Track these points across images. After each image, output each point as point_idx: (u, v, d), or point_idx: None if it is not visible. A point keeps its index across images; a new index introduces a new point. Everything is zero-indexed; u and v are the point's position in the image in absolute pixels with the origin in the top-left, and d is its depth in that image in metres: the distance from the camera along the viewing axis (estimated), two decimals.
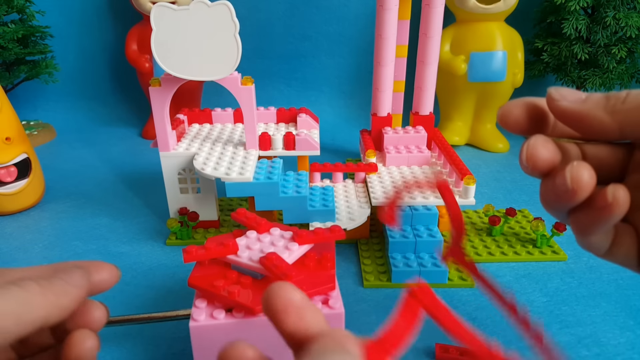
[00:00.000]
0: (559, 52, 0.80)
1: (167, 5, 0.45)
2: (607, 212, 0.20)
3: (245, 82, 0.51)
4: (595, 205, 0.21)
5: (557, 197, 0.21)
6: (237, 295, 0.31)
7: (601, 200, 0.20)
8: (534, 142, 0.22)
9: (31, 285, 0.21)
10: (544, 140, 0.22)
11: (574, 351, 0.38)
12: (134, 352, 0.39)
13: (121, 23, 1.01)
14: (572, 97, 0.21)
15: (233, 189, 0.49)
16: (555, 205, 0.23)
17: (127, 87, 1.06)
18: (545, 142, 0.22)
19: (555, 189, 0.21)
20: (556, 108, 0.22)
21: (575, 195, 0.21)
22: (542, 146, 0.22)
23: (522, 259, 0.51)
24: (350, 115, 1.02)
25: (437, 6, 0.59)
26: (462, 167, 0.51)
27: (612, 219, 0.21)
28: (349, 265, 0.50)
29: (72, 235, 0.57)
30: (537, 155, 0.22)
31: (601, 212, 0.21)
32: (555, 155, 0.22)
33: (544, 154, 0.22)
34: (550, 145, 0.22)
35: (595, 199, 0.21)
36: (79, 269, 0.24)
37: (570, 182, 0.20)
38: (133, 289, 0.47)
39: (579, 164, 0.20)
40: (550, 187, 0.22)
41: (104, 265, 0.26)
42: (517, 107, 0.23)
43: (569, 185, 0.20)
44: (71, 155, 0.85)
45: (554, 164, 0.22)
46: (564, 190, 0.21)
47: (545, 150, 0.22)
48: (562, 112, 0.22)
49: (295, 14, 0.98)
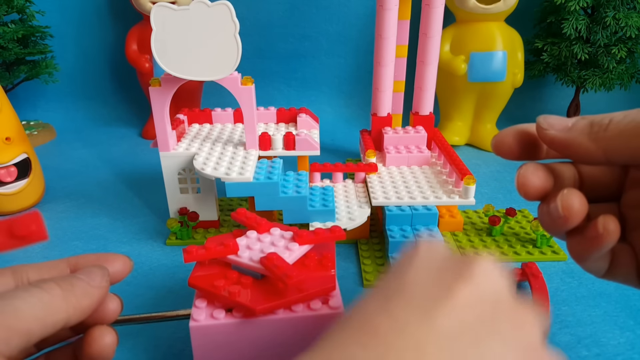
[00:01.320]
0: (559, 52, 0.80)
1: (167, 5, 0.45)
2: (598, 242, 0.21)
3: (245, 82, 0.51)
4: (587, 235, 0.22)
5: (552, 221, 0.22)
6: (237, 295, 0.31)
7: (592, 231, 0.21)
8: (524, 170, 0.23)
9: (54, 287, 0.21)
10: (534, 168, 0.23)
11: (574, 351, 0.38)
12: (134, 352, 0.39)
13: (121, 23, 1.01)
14: (559, 125, 0.22)
15: (233, 189, 0.49)
16: (552, 228, 0.23)
17: (127, 87, 1.06)
18: (535, 170, 0.23)
19: (550, 214, 0.22)
20: (545, 137, 0.22)
21: (568, 221, 0.21)
22: (532, 174, 0.23)
23: (522, 259, 0.51)
24: (350, 115, 1.02)
25: (437, 6, 0.59)
26: (462, 167, 0.51)
27: (602, 248, 0.21)
28: (349, 265, 0.50)
29: (72, 235, 0.57)
30: (527, 183, 0.23)
31: (592, 242, 0.21)
32: (546, 182, 0.23)
33: (535, 182, 0.23)
34: (541, 173, 0.23)
35: (586, 228, 0.22)
36: (99, 269, 0.24)
37: (562, 210, 0.21)
38: (133, 289, 0.47)
39: (569, 192, 0.21)
40: (545, 212, 0.23)
41: (117, 257, 0.26)
42: (509, 135, 0.24)
43: (561, 213, 0.21)
44: (71, 155, 0.85)
45: (545, 190, 0.23)
46: (557, 217, 0.22)
47: (535, 178, 0.23)
48: (550, 140, 0.22)
49: (295, 14, 0.98)
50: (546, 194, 0.23)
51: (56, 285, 0.21)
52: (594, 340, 0.39)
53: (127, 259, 0.27)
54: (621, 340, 0.39)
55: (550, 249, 0.52)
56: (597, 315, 0.42)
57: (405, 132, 0.62)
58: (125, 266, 0.26)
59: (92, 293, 0.23)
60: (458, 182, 0.51)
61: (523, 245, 0.53)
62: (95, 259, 0.26)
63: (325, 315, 0.32)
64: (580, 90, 0.87)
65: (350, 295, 0.46)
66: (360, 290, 0.46)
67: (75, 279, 0.23)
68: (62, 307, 0.21)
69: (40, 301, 0.20)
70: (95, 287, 0.23)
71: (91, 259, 0.26)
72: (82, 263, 0.26)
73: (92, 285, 0.23)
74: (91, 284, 0.23)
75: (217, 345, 0.32)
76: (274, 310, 0.31)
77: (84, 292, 0.22)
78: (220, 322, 0.31)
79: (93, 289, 0.23)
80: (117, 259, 0.26)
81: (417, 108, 0.65)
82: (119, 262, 0.26)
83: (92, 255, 0.26)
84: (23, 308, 0.20)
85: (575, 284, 0.47)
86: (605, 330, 0.41)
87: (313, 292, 0.32)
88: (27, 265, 0.24)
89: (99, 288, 0.23)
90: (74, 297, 0.22)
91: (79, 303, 0.22)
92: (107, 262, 0.26)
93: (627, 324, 0.41)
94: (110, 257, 0.26)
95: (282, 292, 0.32)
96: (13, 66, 0.90)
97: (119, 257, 0.26)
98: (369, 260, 0.50)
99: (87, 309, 0.22)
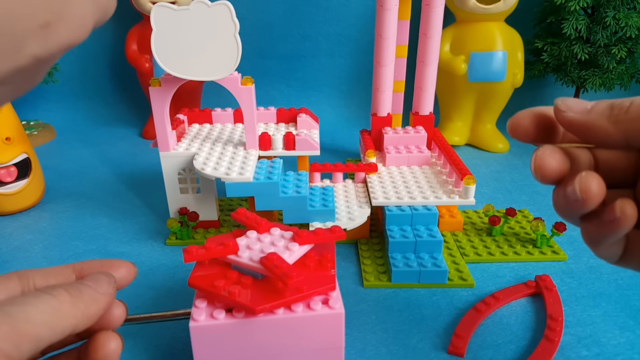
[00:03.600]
0: (559, 52, 0.80)
1: (167, 5, 0.45)
2: (614, 226, 0.21)
3: (245, 82, 0.51)
4: (604, 218, 0.21)
5: (568, 205, 0.22)
6: (237, 296, 0.31)
7: (609, 214, 0.21)
8: (541, 152, 0.22)
9: (62, 294, 0.21)
10: (551, 151, 0.22)
11: (574, 351, 0.38)
12: (134, 352, 0.39)
13: (121, 23, 1.01)
14: (578, 107, 0.22)
15: (233, 189, 0.49)
16: (566, 213, 0.23)
17: (127, 87, 1.06)
18: (553, 152, 0.22)
19: (566, 198, 0.22)
20: (563, 119, 0.22)
21: (585, 204, 0.21)
22: (549, 156, 0.22)
23: (522, 259, 0.51)
24: (350, 115, 1.02)
25: (437, 6, 0.59)
26: (462, 167, 0.51)
27: (619, 232, 0.21)
28: (349, 265, 0.50)
29: (72, 235, 0.57)
30: (544, 165, 0.22)
31: (609, 226, 0.21)
32: (563, 165, 0.22)
33: (552, 164, 0.22)
34: (558, 155, 0.22)
35: (603, 212, 0.21)
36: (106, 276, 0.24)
37: (580, 192, 0.21)
38: (133, 289, 0.46)
39: (587, 174, 0.21)
40: (562, 195, 0.22)
41: (122, 263, 0.27)
42: (526, 117, 0.23)
43: (579, 195, 0.21)
44: (71, 155, 0.85)
45: (562, 173, 0.23)
46: (574, 200, 0.21)
47: (552, 161, 0.22)
48: (569, 123, 0.22)
49: (295, 14, 0.98)
50: (562, 178, 0.23)
51: (65, 291, 0.22)
52: (594, 340, 0.39)
53: (132, 265, 0.27)
54: (621, 340, 0.39)
55: (550, 249, 0.52)
56: (597, 315, 0.42)
57: (405, 132, 0.62)
58: (129, 272, 0.27)
59: (99, 300, 0.23)
60: (458, 182, 0.51)
61: (523, 245, 0.53)
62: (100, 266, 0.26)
63: (325, 315, 0.32)
64: (580, 90, 0.87)
65: (350, 295, 0.46)
66: (360, 291, 0.46)
67: (83, 286, 0.23)
68: (70, 314, 0.21)
69: (50, 307, 0.21)
70: (102, 293, 0.23)
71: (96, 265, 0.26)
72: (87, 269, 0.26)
73: (100, 292, 0.23)
74: (99, 290, 0.23)
75: (217, 345, 0.32)
76: (274, 310, 0.31)
77: (92, 298, 0.23)
78: (220, 322, 0.31)
79: (100, 296, 0.23)
80: (122, 265, 0.26)
81: (417, 108, 0.65)
82: (123, 269, 0.26)
83: (97, 261, 0.26)
84: (33, 314, 0.20)
85: (575, 284, 0.47)
86: (605, 330, 0.41)
87: (313, 292, 0.32)
88: (33, 271, 0.25)
89: (106, 295, 0.23)
90: (82, 303, 0.22)
91: (87, 309, 0.22)
92: (112, 269, 0.26)
93: (627, 324, 0.41)
94: (115, 263, 0.26)
95: (282, 292, 0.32)
96: None
97: (124, 263, 0.27)
98: (369, 260, 0.50)
99: (94, 315, 0.23)
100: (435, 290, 0.46)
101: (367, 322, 0.42)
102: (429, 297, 0.45)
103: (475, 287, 0.47)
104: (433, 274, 0.46)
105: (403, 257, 0.48)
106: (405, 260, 0.47)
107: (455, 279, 0.47)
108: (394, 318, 0.42)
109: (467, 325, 0.40)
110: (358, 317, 0.43)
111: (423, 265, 0.46)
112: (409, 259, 0.47)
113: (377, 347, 0.39)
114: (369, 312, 0.43)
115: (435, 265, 0.46)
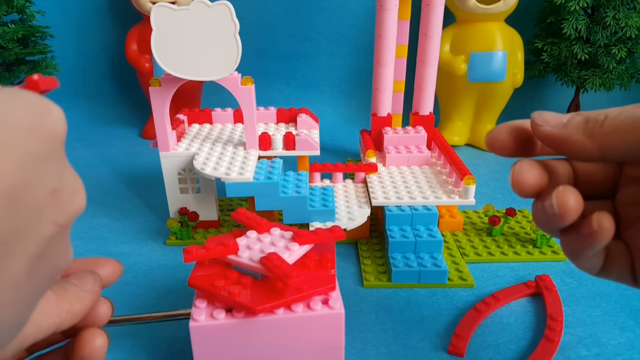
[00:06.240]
0: (559, 52, 0.80)
1: (167, 5, 0.45)
2: (591, 239, 0.21)
3: (245, 82, 0.51)
4: (581, 231, 0.21)
5: (547, 219, 0.22)
6: (237, 296, 0.31)
7: (586, 228, 0.21)
8: (519, 167, 0.23)
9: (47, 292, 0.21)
10: (529, 165, 0.23)
11: (574, 351, 0.38)
12: (134, 352, 0.39)
13: (121, 23, 1.01)
14: (554, 121, 0.22)
15: (233, 189, 0.49)
16: (545, 226, 0.23)
17: (127, 87, 1.06)
18: (530, 167, 0.23)
19: (544, 212, 0.22)
20: (539, 133, 0.22)
21: (563, 218, 0.21)
22: (527, 170, 0.22)
23: (522, 259, 0.51)
24: (350, 115, 1.02)
25: (437, 6, 0.59)
26: (462, 167, 0.51)
27: (597, 245, 0.21)
28: (349, 265, 0.50)
29: (72, 235, 0.57)
30: (522, 180, 0.22)
31: (586, 239, 0.21)
32: (541, 179, 0.23)
33: (529, 179, 0.22)
34: (535, 170, 0.23)
35: (581, 225, 0.21)
36: (91, 274, 0.24)
37: (557, 207, 0.21)
38: (133, 289, 0.47)
39: (564, 189, 0.21)
40: (540, 209, 0.22)
41: (107, 261, 0.26)
42: (504, 131, 0.23)
43: (556, 210, 0.21)
44: (71, 155, 0.84)
45: (540, 186, 0.23)
46: (552, 214, 0.21)
47: (530, 175, 0.22)
48: (545, 137, 0.22)
49: (295, 14, 0.98)
50: (541, 191, 0.23)
51: (49, 289, 0.22)
52: (594, 340, 0.39)
53: (117, 263, 0.27)
54: (621, 340, 0.39)
55: (550, 249, 0.52)
56: (597, 315, 0.42)
57: (405, 132, 0.62)
58: (115, 270, 0.27)
59: (84, 297, 0.23)
60: (458, 182, 0.51)
61: (523, 245, 0.53)
62: (86, 264, 0.26)
63: (325, 315, 0.32)
64: (580, 90, 0.87)
65: (350, 295, 0.46)
66: (360, 291, 0.46)
67: (68, 284, 0.23)
68: (55, 311, 0.21)
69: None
70: (87, 292, 0.23)
71: (81, 264, 0.26)
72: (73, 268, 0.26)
73: (84, 290, 0.23)
74: (83, 289, 0.23)
75: (217, 345, 0.32)
76: (274, 310, 0.31)
77: (77, 296, 0.23)
78: (220, 322, 0.31)
79: (85, 294, 0.23)
80: (107, 263, 0.26)
81: (417, 108, 0.65)
82: (109, 267, 0.26)
83: (82, 259, 0.26)
84: None
85: (575, 284, 0.47)
86: (605, 330, 0.41)
87: (313, 292, 0.32)
88: None
89: (91, 293, 0.24)
90: (67, 301, 0.22)
91: (72, 307, 0.22)
92: (97, 267, 0.26)
93: (627, 324, 0.41)
94: (101, 261, 0.26)
95: (282, 292, 0.32)
96: (13, 66, 0.90)
97: (109, 262, 0.27)
98: (369, 260, 0.50)
99: (79, 313, 0.23)
100: (435, 290, 0.46)
101: (367, 322, 0.42)
102: (429, 297, 0.45)
103: (475, 287, 0.47)
104: (433, 274, 0.46)
105: (403, 257, 0.48)
106: (405, 260, 0.47)
107: (455, 279, 0.47)
108: (394, 318, 0.43)
109: (467, 325, 0.40)
110: (358, 317, 0.43)
111: (423, 265, 0.46)
112: (409, 259, 0.47)
113: (377, 347, 0.39)
114: (369, 312, 0.43)
115: (435, 265, 0.46)
